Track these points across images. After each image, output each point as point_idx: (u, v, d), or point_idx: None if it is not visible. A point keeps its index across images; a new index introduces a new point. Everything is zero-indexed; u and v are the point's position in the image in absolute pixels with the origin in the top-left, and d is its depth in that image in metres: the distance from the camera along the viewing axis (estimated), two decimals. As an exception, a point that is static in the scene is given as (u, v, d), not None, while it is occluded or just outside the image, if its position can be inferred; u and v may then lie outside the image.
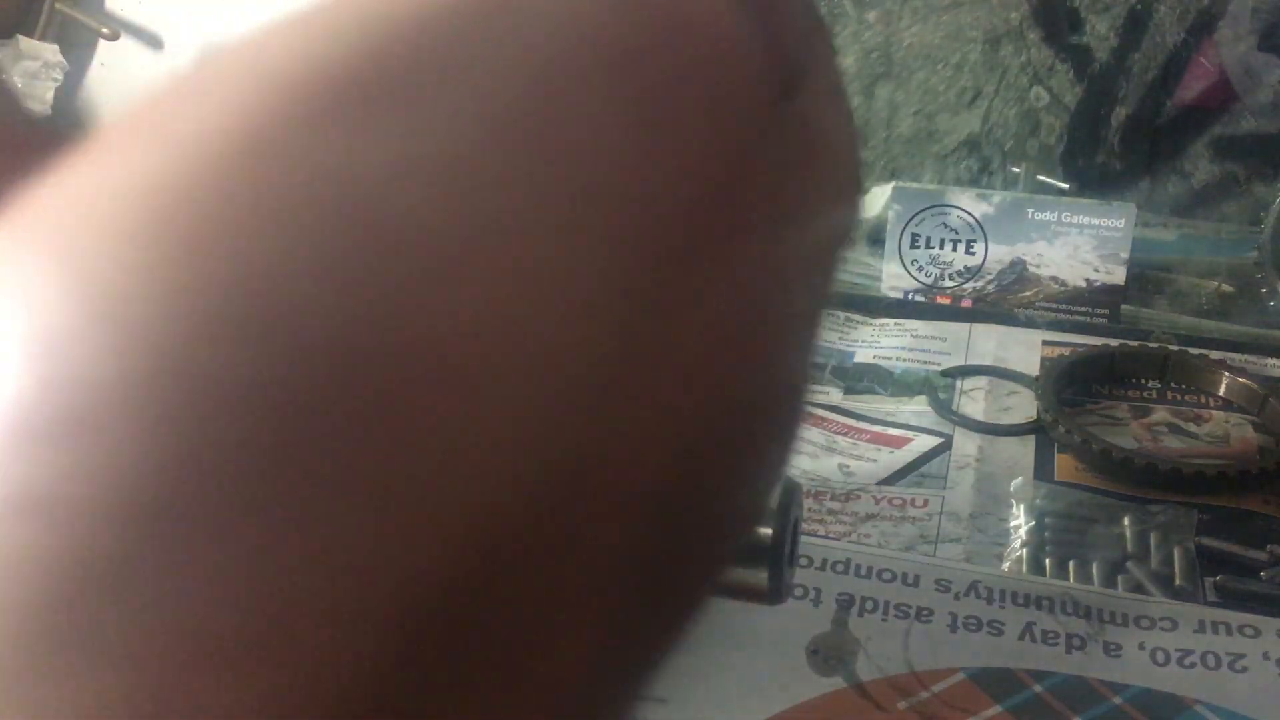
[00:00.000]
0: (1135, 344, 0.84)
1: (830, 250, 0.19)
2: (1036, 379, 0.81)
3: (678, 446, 0.15)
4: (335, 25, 0.14)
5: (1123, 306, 0.90)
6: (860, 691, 0.56)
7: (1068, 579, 0.64)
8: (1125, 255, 0.88)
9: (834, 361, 0.87)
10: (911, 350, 0.88)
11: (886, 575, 0.62)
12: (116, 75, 1.16)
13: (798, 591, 0.61)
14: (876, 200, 0.98)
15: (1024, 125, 1.00)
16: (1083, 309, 0.90)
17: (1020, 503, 0.70)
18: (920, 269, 0.93)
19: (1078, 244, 0.89)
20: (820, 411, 0.81)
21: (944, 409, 0.80)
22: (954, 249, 0.91)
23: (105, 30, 1.11)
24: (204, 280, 0.11)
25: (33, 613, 0.10)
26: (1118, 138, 0.97)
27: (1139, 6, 0.94)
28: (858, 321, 0.92)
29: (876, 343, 0.89)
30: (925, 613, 0.60)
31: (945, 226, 0.91)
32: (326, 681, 0.11)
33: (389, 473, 0.11)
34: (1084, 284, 0.90)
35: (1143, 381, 0.82)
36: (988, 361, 0.86)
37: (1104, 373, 0.82)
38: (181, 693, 0.10)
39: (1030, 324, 0.90)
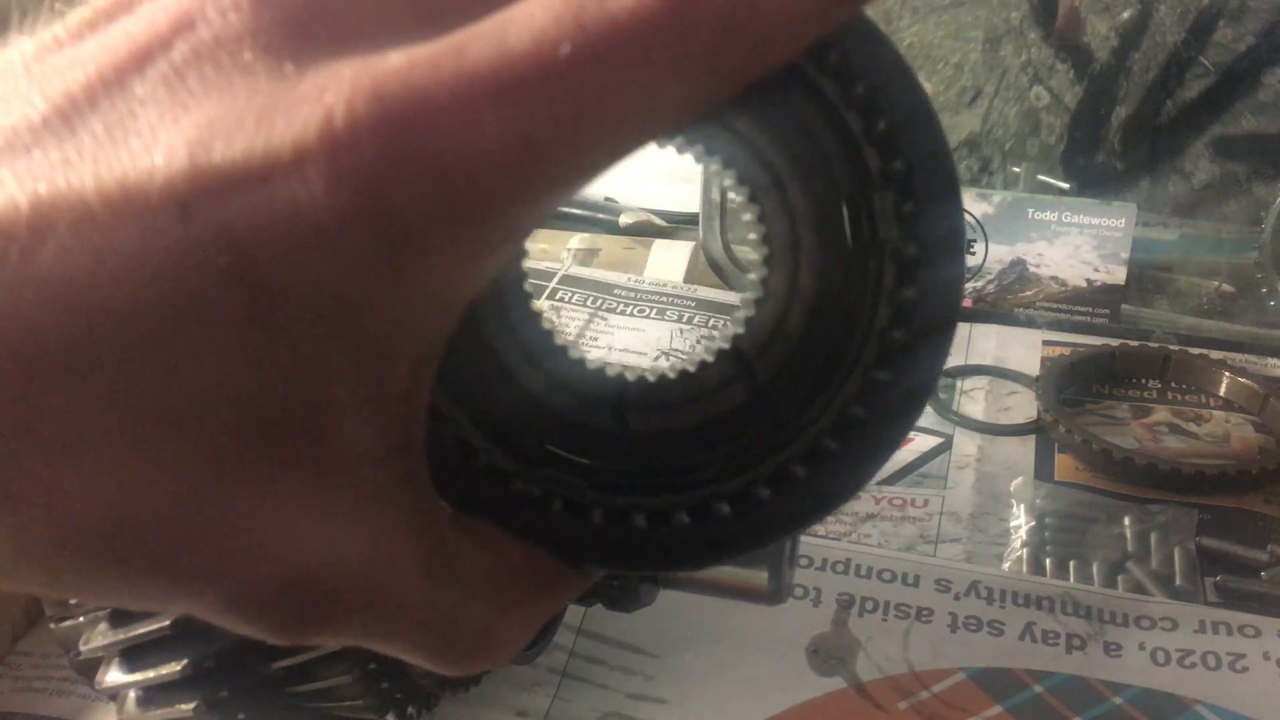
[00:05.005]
0: (1135, 344, 0.84)
1: None
2: (1036, 379, 0.81)
3: None
4: None
5: (1123, 306, 0.90)
6: (860, 691, 0.56)
7: (1068, 579, 0.64)
8: (1125, 255, 0.89)
9: (834, 361, 0.87)
10: (911, 350, 0.88)
11: (887, 575, 0.62)
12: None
13: (798, 591, 0.61)
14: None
15: (1024, 125, 1.00)
16: (1083, 309, 0.90)
17: (1020, 503, 0.70)
18: (920, 269, 0.92)
19: (1078, 244, 0.89)
20: (820, 411, 0.81)
21: (944, 409, 0.80)
22: (954, 249, 0.91)
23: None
24: None
25: None
26: (1118, 138, 0.97)
27: (1139, 7, 0.94)
28: (858, 321, 0.92)
29: (876, 342, 0.89)
30: (925, 613, 0.60)
31: (945, 226, 0.91)
32: None
33: None
34: (1084, 284, 0.90)
35: (1143, 381, 0.82)
36: (988, 361, 0.86)
37: (1104, 373, 0.82)
38: None
39: (1030, 324, 0.90)
